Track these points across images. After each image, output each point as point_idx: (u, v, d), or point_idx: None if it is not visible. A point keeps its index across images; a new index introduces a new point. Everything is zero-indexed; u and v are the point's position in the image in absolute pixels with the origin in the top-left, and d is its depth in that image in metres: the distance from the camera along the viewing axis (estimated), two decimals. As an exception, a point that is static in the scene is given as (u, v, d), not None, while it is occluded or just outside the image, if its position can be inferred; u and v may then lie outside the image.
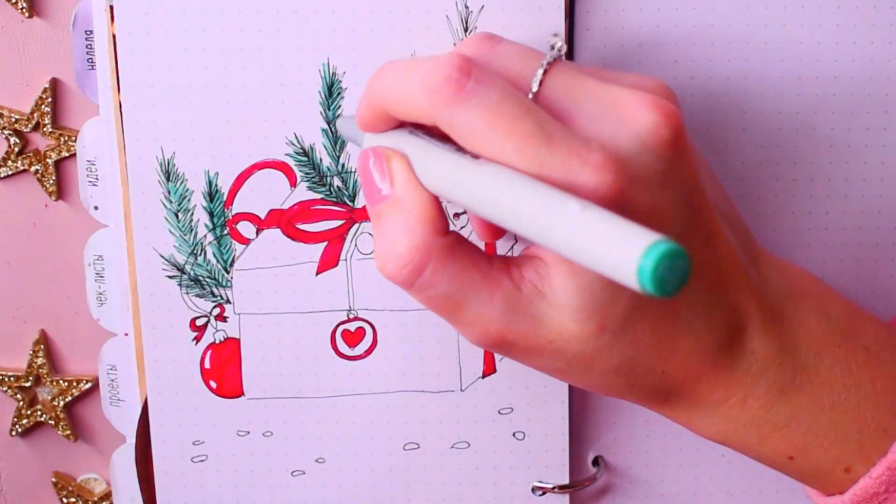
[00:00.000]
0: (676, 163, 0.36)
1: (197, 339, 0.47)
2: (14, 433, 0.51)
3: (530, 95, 0.37)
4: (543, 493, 0.49)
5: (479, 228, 0.43)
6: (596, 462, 0.49)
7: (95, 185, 0.47)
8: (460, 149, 0.36)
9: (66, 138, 0.47)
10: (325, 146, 0.45)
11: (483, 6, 0.44)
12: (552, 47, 0.38)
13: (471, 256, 0.37)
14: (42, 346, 0.50)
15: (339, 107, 0.45)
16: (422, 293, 0.37)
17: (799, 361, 0.39)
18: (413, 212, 0.37)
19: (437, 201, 0.37)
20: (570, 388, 0.48)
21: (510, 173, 0.34)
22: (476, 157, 0.36)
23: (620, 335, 0.37)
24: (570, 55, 0.44)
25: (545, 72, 0.37)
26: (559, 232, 0.32)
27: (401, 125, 0.38)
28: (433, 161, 0.37)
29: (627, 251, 0.30)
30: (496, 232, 0.42)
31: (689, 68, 0.45)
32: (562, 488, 0.49)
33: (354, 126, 0.41)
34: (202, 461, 0.48)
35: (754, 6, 0.44)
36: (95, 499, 0.52)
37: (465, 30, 0.44)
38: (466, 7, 0.44)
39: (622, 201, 0.34)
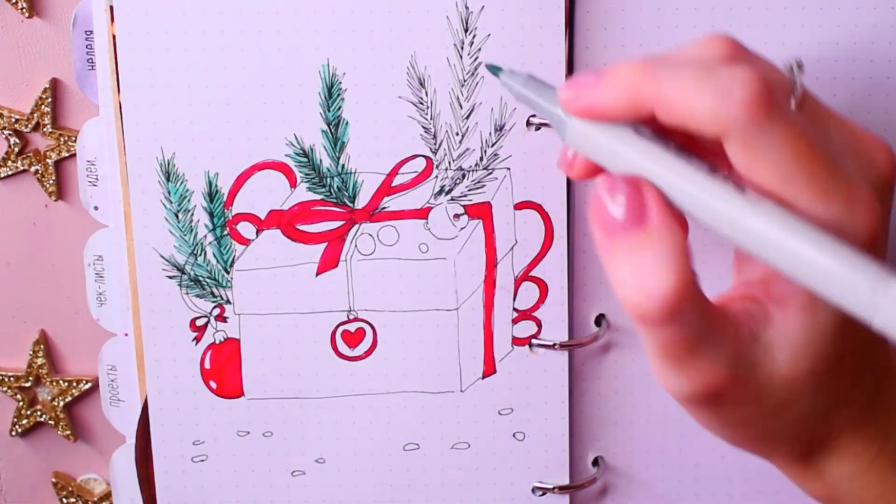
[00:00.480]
0: (890, 201, 0.37)
1: (197, 340, 0.47)
2: (14, 433, 0.51)
3: None
4: (543, 494, 0.49)
5: None
6: (596, 462, 0.49)
7: (95, 185, 0.47)
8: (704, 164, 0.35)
9: (66, 138, 0.47)
10: (325, 147, 0.45)
11: (483, 6, 0.44)
12: (793, 71, 0.37)
13: (705, 296, 0.36)
14: (42, 346, 0.50)
15: (339, 108, 0.45)
16: (668, 329, 0.35)
17: None
18: (673, 243, 0.34)
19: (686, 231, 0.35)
20: (570, 389, 0.48)
21: (812, 229, 0.34)
22: (738, 180, 0.34)
23: (822, 379, 0.36)
24: (570, 56, 0.44)
25: (800, 98, 0.36)
26: (884, 311, 0.32)
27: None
28: (694, 187, 0.35)
29: None
30: None
31: (689, 68, 0.45)
32: (562, 489, 0.49)
33: (545, 95, 0.37)
34: (202, 461, 0.48)
35: (754, 7, 0.44)
36: (95, 499, 0.52)
37: (465, 30, 0.44)
38: (466, 7, 0.44)
39: (877, 239, 0.34)
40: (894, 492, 0.39)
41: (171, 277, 0.46)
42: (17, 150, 0.48)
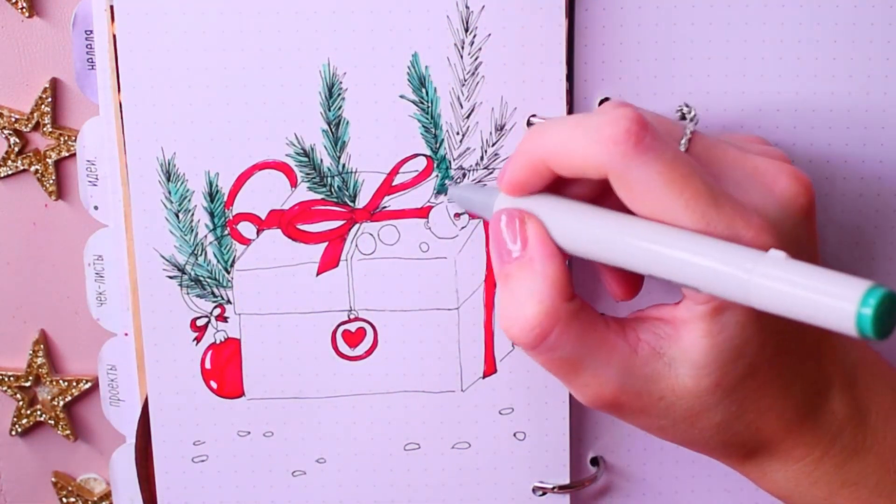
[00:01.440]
0: (809, 229, 0.39)
1: (197, 340, 0.47)
2: (14, 433, 0.51)
3: None
4: (544, 494, 0.49)
5: (616, 287, 0.43)
6: (595, 462, 0.49)
7: (95, 185, 0.47)
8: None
9: (66, 138, 0.47)
10: (325, 147, 0.45)
11: (484, 6, 0.44)
12: (684, 115, 0.40)
13: (592, 321, 0.38)
14: (42, 346, 0.50)
15: (340, 107, 0.45)
16: (543, 356, 0.38)
17: (870, 424, 0.41)
18: (544, 275, 0.38)
19: (566, 267, 0.38)
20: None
21: (684, 231, 0.36)
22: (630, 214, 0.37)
23: (731, 392, 0.38)
24: (569, 54, 0.44)
25: (690, 138, 0.39)
26: (759, 282, 0.33)
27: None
28: (586, 218, 0.38)
29: (844, 299, 0.31)
30: (632, 291, 0.43)
31: (686, 66, 0.45)
32: (562, 488, 0.49)
33: (478, 192, 0.42)
34: (203, 461, 0.48)
35: (752, 4, 0.44)
36: (95, 499, 0.52)
37: (466, 30, 0.44)
38: (467, 7, 0.44)
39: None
40: (841, 493, 0.41)
41: (171, 277, 0.46)
42: (17, 149, 0.48)
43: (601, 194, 0.40)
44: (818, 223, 0.41)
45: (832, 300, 0.31)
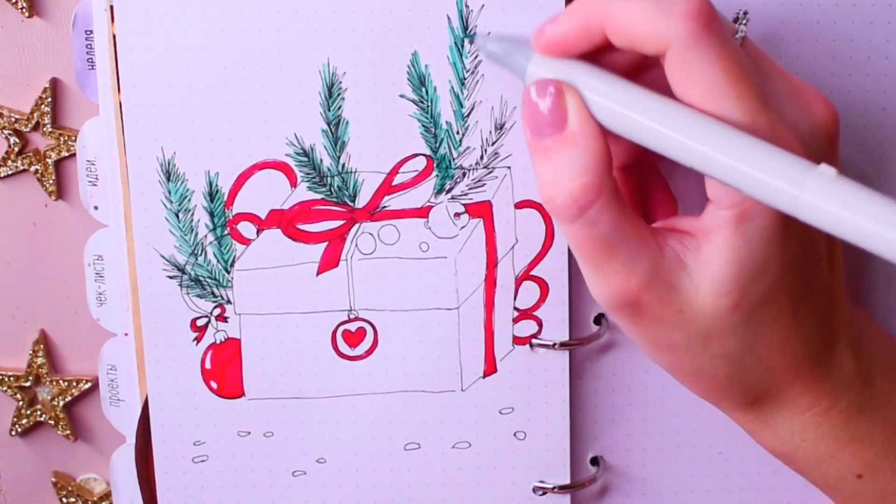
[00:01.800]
0: (833, 157, 0.39)
1: (197, 340, 0.47)
2: (14, 433, 0.51)
3: None
4: (544, 493, 0.49)
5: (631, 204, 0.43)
6: (595, 462, 0.49)
7: (95, 185, 0.47)
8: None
9: (66, 138, 0.47)
10: (325, 146, 0.45)
11: (483, 5, 0.44)
12: (737, 19, 0.39)
13: (627, 208, 0.38)
14: (42, 346, 0.50)
15: (340, 107, 0.45)
16: (581, 230, 0.38)
17: (875, 386, 0.41)
18: (587, 149, 0.37)
19: (607, 141, 0.38)
20: (570, 388, 0.48)
21: (736, 129, 0.35)
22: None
23: (748, 317, 0.38)
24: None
25: (743, 38, 0.39)
26: (808, 197, 0.33)
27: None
28: (634, 98, 0.37)
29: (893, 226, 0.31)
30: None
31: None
32: (562, 488, 0.49)
33: (510, 49, 0.40)
34: (203, 462, 0.48)
35: (751, 4, 0.44)
36: (95, 499, 0.52)
37: (465, 29, 0.44)
38: (467, 6, 0.44)
39: None
40: (847, 450, 0.40)
41: (171, 277, 0.46)
42: (17, 149, 0.48)
43: (629, 75, 0.39)
44: None
45: (881, 227, 0.32)
